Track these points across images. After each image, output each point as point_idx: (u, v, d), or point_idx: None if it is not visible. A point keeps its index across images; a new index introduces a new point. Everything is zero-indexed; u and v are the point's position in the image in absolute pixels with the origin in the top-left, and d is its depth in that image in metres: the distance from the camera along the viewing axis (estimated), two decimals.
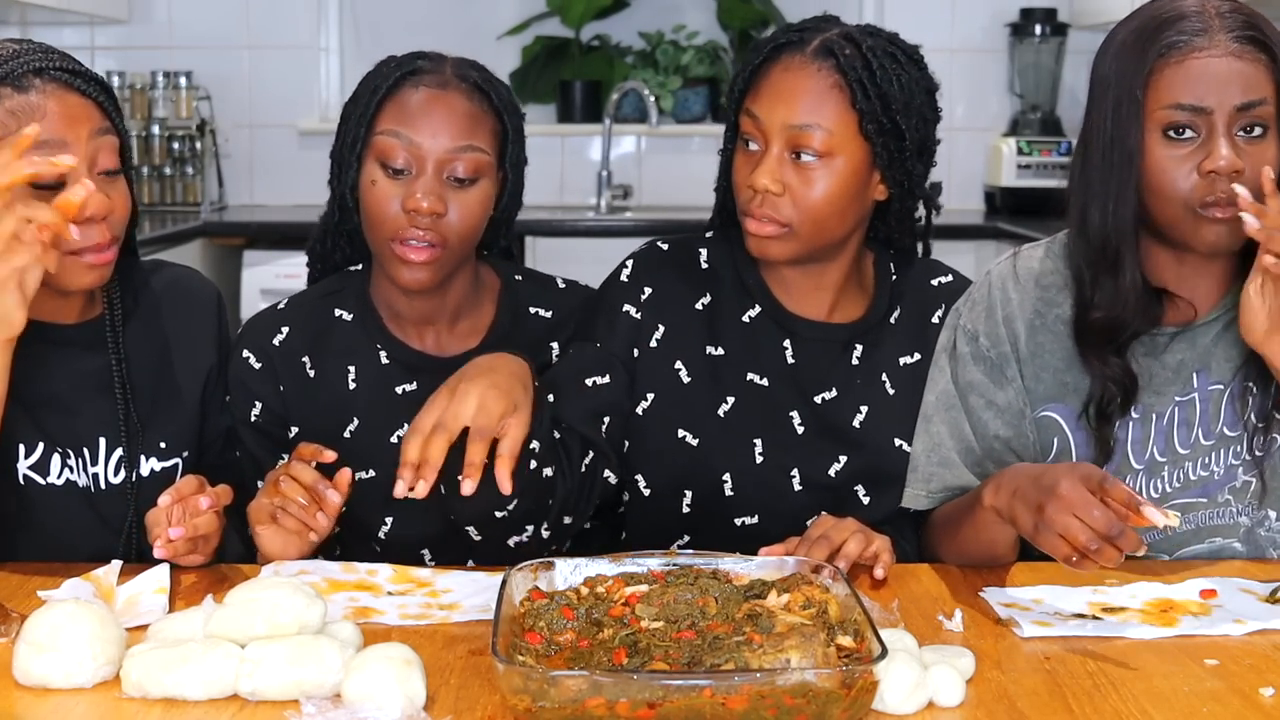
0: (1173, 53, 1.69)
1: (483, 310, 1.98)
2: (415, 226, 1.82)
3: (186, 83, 4.78)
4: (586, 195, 4.97)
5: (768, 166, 1.79)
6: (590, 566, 1.50)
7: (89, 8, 4.54)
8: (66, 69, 1.68)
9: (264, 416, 1.92)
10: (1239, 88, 1.67)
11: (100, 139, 1.68)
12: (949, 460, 1.83)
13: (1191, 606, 1.60)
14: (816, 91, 1.79)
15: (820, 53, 1.81)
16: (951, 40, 4.88)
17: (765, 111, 1.81)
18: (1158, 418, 1.79)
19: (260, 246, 4.33)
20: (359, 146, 1.87)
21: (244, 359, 1.93)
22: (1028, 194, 4.66)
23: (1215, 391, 1.79)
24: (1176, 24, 1.69)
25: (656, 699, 1.22)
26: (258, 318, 1.98)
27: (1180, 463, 1.79)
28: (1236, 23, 1.69)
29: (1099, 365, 1.77)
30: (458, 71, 1.89)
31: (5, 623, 1.48)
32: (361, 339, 1.94)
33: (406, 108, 1.85)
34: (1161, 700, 1.36)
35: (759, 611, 1.38)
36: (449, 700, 1.34)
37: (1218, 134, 1.67)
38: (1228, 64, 1.67)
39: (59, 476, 1.76)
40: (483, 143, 1.86)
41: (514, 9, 5.01)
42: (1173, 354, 1.79)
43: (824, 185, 1.80)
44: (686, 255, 1.95)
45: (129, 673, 1.34)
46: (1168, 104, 1.69)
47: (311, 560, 1.73)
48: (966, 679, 1.38)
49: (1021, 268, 1.87)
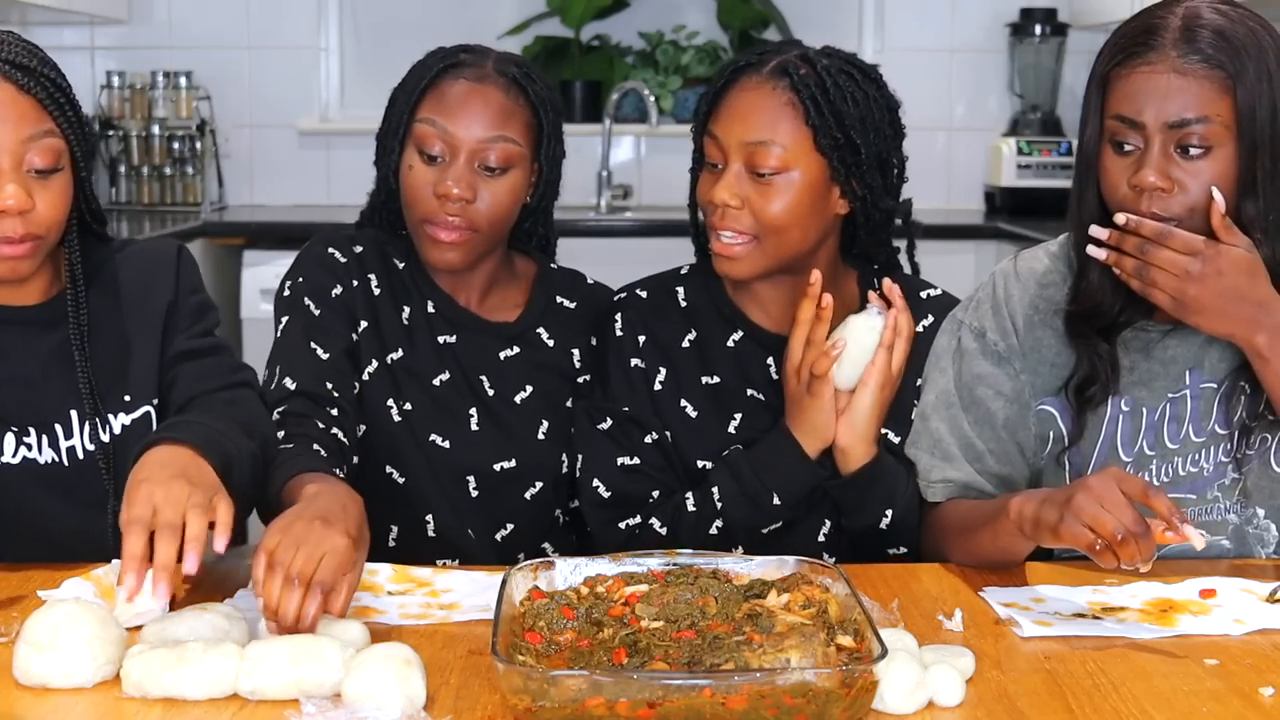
0: (1126, 63, 1.71)
1: (513, 292, 2.08)
2: (446, 211, 1.92)
3: (186, 83, 4.77)
4: (586, 195, 4.96)
5: (726, 182, 1.87)
6: (590, 566, 1.50)
7: (89, 8, 4.53)
8: (13, 62, 1.68)
9: (344, 296, 1.97)
10: (1176, 104, 1.67)
11: (39, 141, 1.69)
12: (950, 454, 1.84)
13: (1191, 606, 1.61)
14: (771, 109, 1.87)
15: (775, 73, 1.88)
16: (951, 40, 4.88)
17: (723, 131, 1.89)
18: (1149, 412, 1.80)
19: (260, 246, 4.32)
20: (401, 133, 1.97)
21: (329, 252, 2.00)
22: (1028, 194, 4.66)
23: (1208, 389, 1.80)
24: (1142, 36, 1.70)
25: (656, 699, 1.22)
26: (332, 230, 2.06)
27: (1169, 458, 1.80)
28: (1199, 37, 1.68)
29: (1084, 346, 1.79)
30: (498, 66, 1.98)
31: (5, 623, 1.48)
32: (412, 286, 2.04)
33: (445, 98, 1.94)
34: (1161, 700, 1.36)
35: (759, 611, 1.38)
36: (449, 700, 1.34)
37: (1150, 149, 1.69)
38: (1167, 80, 1.67)
39: (14, 455, 1.76)
40: (515, 134, 1.95)
41: (514, 9, 5.01)
42: (1165, 350, 1.81)
43: (782, 199, 1.87)
44: (665, 296, 2.03)
45: (129, 672, 1.34)
46: (1113, 114, 1.71)
47: None
48: (966, 679, 1.38)
49: (1022, 267, 1.89)
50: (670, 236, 4.08)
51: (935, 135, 4.90)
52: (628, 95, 4.93)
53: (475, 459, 1.99)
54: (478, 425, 1.99)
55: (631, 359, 1.98)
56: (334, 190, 4.90)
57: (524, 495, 2.00)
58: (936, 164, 4.89)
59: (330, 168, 4.91)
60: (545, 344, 2.05)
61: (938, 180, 4.90)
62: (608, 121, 4.87)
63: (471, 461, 1.98)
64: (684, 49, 4.98)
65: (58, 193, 1.72)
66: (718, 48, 5.00)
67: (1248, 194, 1.69)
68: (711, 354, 1.98)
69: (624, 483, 1.94)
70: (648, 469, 1.94)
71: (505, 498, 2.00)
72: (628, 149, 5.05)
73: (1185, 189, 1.69)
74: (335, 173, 4.93)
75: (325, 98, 5.00)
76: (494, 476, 1.99)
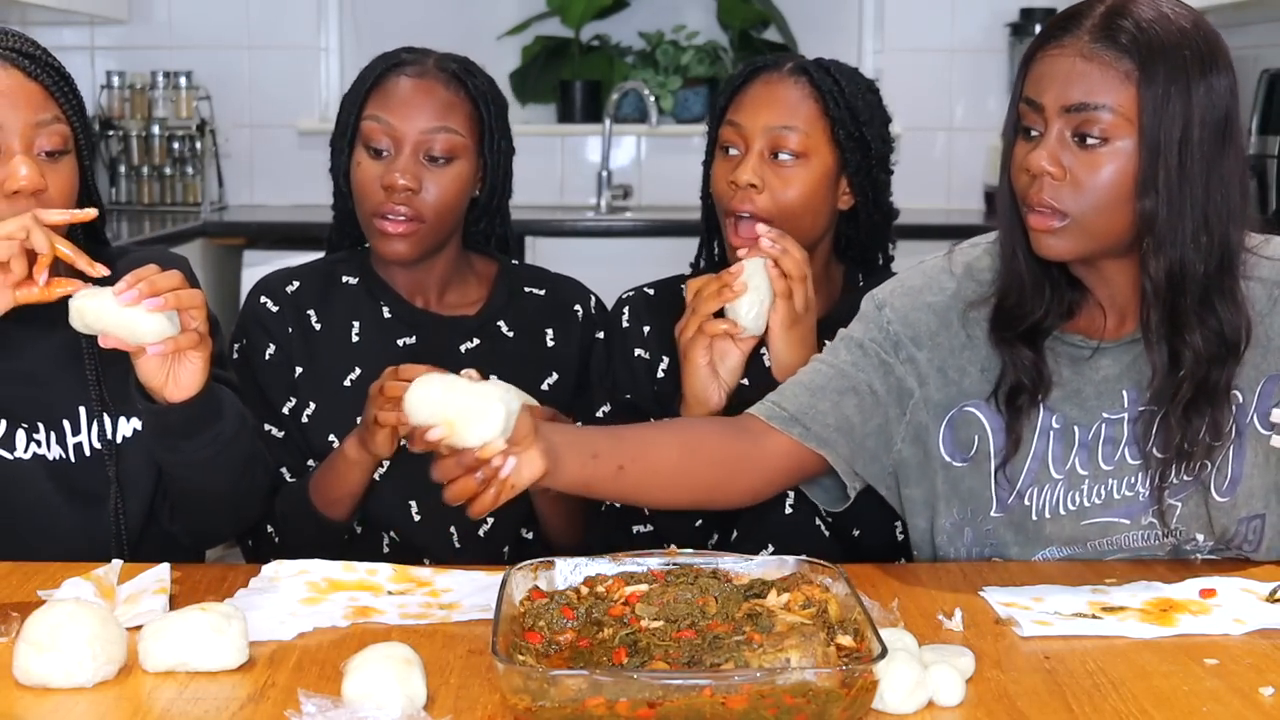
0: (1042, 46, 1.65)
1: (471, 289, 2.13)
2: (393, 202, 1.99)
3: (186, 83, 4.78)
4: (586, 195, 4.97)
5: (750, 164, 1.95)
6: (590, 566, 1.50)
7: (89, 8, 4.54)
8: (20, 51, 1.72)
9: (277, 356, 2.06)
10: (1077, 89, 1.60)
11: (47, 126, 1.71)
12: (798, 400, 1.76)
13: (1191, 606, 1.60)
14: (794, 99, 1.97)
15: (795, 70, 2.00)
16: (951, 40, 4.88)
17: (746, 118, 1.97)
18: (1080, 430, 1.73)
19: (260, 246, 4.32)
20: (349, 133, 2.05)
21: (261, 303, 2.08)
22: None
23: (1147, 413, 1.70)
24: (1064, 21, 1.64)
25: (656, 699, 1.22)
26: (269, 275, 2.14)
27: (1103, 479, 1.73)
28: (1116, 25, 1.60)
29: (1008, 352, 1.72)
30: (439, 62, 2.06)
31: (5, 623, 1.48)
32: (365, 298, 2.10)
33: (389, 95, 2.03)
34: (1161, 700, 1.36)
35: (759, 611, 1.38)
36: (449, 700, 1.34)
37: (1049, 133, 1.62)
38: (1071, 64, 1.61)
39: (26, 451, 1.77)
40: (458, 125, 2.02)
41: (514, 9, 5.01)
42: (1096, 369, 1.73)
43: (799, 184, 1.95)
44: (671, 294, 2.07)
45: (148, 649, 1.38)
46: (1022, 97, 1.67)
47: (311, 560, 1.73)
48: (966, 679, 1.38)
49: (957, 261, 1.82)
50: (670, 236, 4.09)
51: (935, 135, 4.91)
52: (628, 95, 4.93)
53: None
54: None
55: (635, 349, 2.04)
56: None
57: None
58: (936, 164, 4.90)
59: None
60: (505, 335, 2.09)
61: (938, 180, 4.90)
62: (608, 121, 4.88)
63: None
64: (684, 49, 4.98)
65: (65, 176, 1.75)
66: (718, 48, 5.00)
67: (1146, 193, 1.60)
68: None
69: None
70: None
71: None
72: (628, 149, 5.05)
73: (1077, 180, 1.61)
74: None
75: (325, 98, 5.00)
76: None
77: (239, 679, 1.39)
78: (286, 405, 2.05)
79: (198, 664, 1.38)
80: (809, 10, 4.91)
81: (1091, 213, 1.62)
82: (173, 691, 1.35)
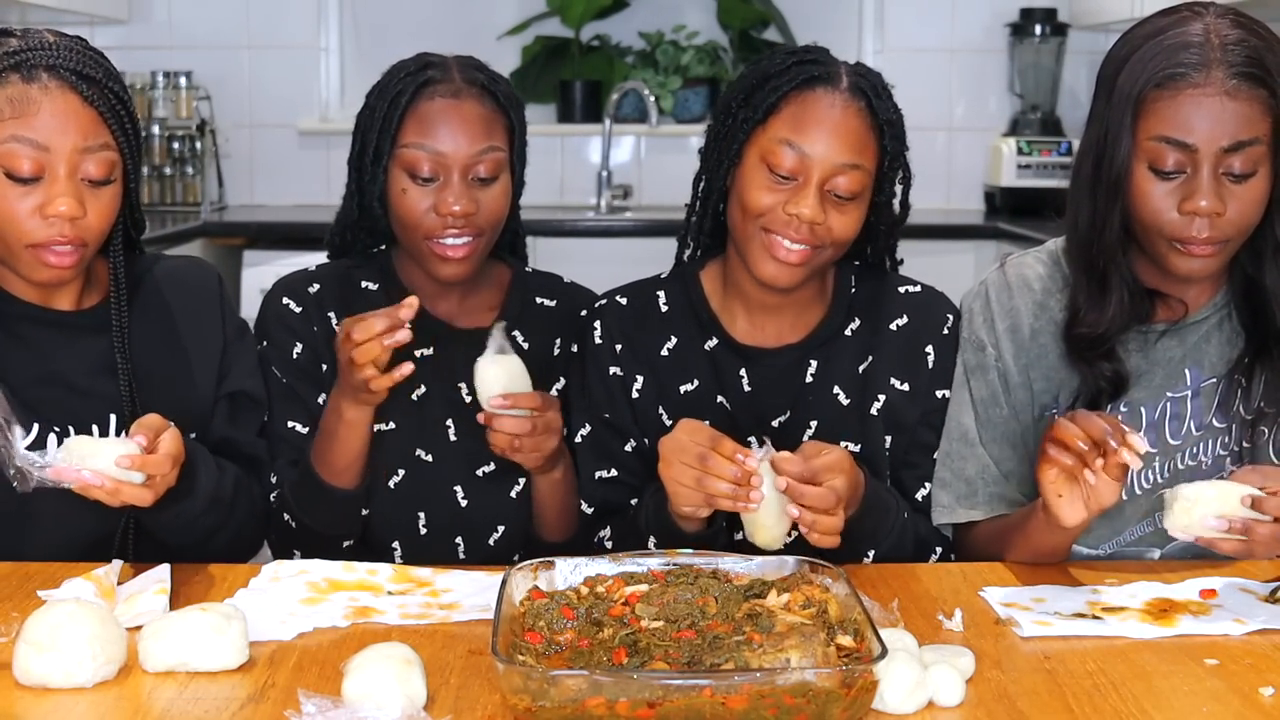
0: (1167, 84, 1.67)
1: (488, 296, 2.09)
2: (453, 228, 1.94)
3: (186, 83, 4.77)
4: (586, 195, 4.96)
5: (812, 199, 1.81)
6: (590, 566, 1.50)
7: (89, 8, 4.53)
8: (80, 73, 1.70)
9: (305, 355, 2.02)
10: (1229, 128, 1.65)
11: (95, 153, 1.70)
12: (974, 494, 1.85)
13: (1191, 606, 1.61)
14: (860, 132, 1.84)
15: (854, 91, 1.85)
16: (951, 40, 4.88)
17: (810, 145, 1.82)
18: (1146, 411, 1.81)
19: (260, 246, 4.32)
20: (385, 159, 1.97)
21: (284, 304, 2.04)
22: (1028, 194, 4.66)
23: (1208, 386, 1.80)
24: (1178, 53, 1.66)
25: (656, 699, 1.22)
26: (289, 276, 2.09)
27: (1170, 453, 1.81)
28: (1239, 56, 1.65)
29: (1085, 369, 1.79)
30: (465, 75, 2.00)
31: (5, 622, 1.48)
32: (385, 304, 2.00)
33: (426, 120, 1.95)
34: (1161, 700, 1.36)
35: (759, 611, 1.38)
36: (449, 700, 1.34)
37: (1202, 173, 1.66)
38: (1220, 103, 1.65)
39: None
40: (499, 141, 1.98)
41: (514, 9, 5.01)
42: (1163, 350, 1.81)
43: (854, 220, 1.86)
44: (645, 302, 2.02)
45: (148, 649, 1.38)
46: (1155, 136, 1.68)
47: (311, 560, 1.73)
48: (966, 679, 1.38)
49: (1013, 275, 1.88)
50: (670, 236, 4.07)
51: (935, 135, 4.90)
52: (628, 95, 4.93)
53: (459, 468, 2.00)
54: (455, 435, 2.00)
55: (610, 367, 1.98)
56: (334, 190, 4.82)
57: (509, 494, 2.00)
58: (936, 164, 4.89)
59: (330, 168, 4.90)
60: (519, 346, 2.04)
61: (938, 180, 4.90)
62: (608, 121, 4.87)
63: (456, 472, 2.00)
64: (684, 49, 4.97)
65: (107, 203, 1.75)
66: (718, 48, 4.99)
67: (1279, 212, 1.71)
68: (691, 360, 1.97)
69: (604, 495, 1.95)
70: (627, 478, 1.95)
71: (493, 500, 2.00)
72: (628, 149, 5.05)
73: (1236, 211, 1.69)
74: (335, 173, 4.91)
75: (325, 98, 5.00)
76: (478, 481, 2.00)
77: (239, 679, 1.39)
78: (316, 400, 2.00)
79: (198, 664, 1.39)
80: (809, 10, 4.91)
81: (1242, 235, 1.72)
82: (173, 691, 1.36)
